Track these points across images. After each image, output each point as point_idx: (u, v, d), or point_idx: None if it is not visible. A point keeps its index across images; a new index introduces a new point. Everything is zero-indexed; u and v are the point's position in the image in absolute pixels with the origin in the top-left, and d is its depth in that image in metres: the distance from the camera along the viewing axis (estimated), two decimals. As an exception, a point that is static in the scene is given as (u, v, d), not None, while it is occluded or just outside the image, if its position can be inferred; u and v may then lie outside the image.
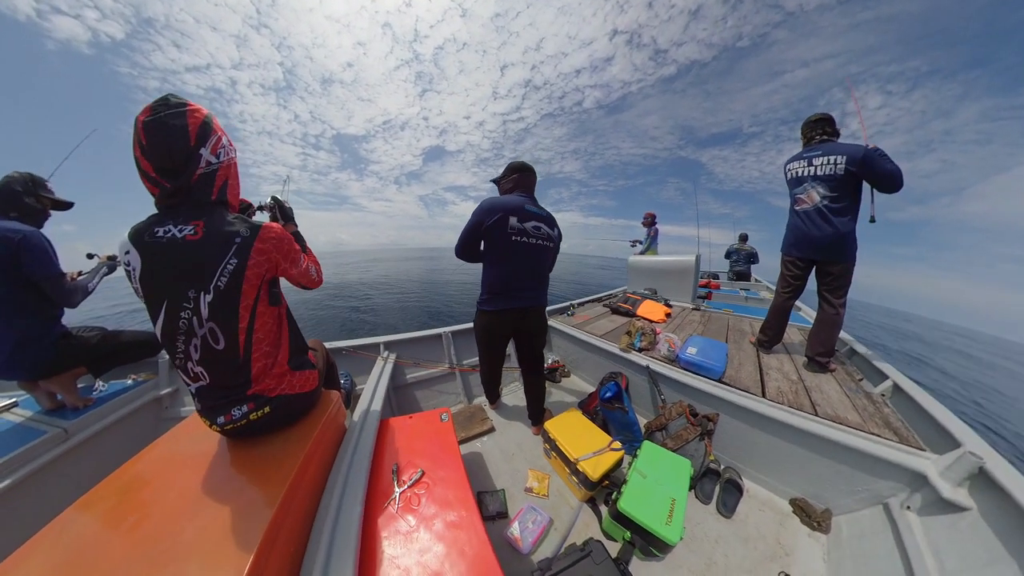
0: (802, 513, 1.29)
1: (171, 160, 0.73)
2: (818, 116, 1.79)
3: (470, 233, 1.53)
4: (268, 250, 0.82)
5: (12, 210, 1.28)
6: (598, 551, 1.05)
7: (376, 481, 1.07)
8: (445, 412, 1.40)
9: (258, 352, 0.84)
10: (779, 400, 1.46)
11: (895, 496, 1.12)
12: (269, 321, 0.87)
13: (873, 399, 1.46)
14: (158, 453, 0.90)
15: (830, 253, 1.70)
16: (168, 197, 0.76)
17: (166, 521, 0.69)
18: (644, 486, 1.23)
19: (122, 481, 0.79)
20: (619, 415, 1.72)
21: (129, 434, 1.56)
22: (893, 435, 1.20)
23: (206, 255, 0.75)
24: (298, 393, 0.98)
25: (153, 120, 0.70)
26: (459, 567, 0.83)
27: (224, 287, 0.76)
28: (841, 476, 1.24)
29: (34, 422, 1.32)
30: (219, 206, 0.82)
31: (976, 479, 0.99)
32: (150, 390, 1.70)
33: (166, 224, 0.75)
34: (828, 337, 1.73)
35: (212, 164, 0.79)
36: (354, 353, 2.09)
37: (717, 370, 1.69)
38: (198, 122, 0.75)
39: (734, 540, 1.23)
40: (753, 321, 2.82)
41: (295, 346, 1.01)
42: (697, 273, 3.76)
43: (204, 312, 0.75)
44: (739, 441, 1.52)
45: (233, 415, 0.84)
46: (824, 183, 1.66)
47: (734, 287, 5.82)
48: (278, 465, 0.87)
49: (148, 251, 0.74)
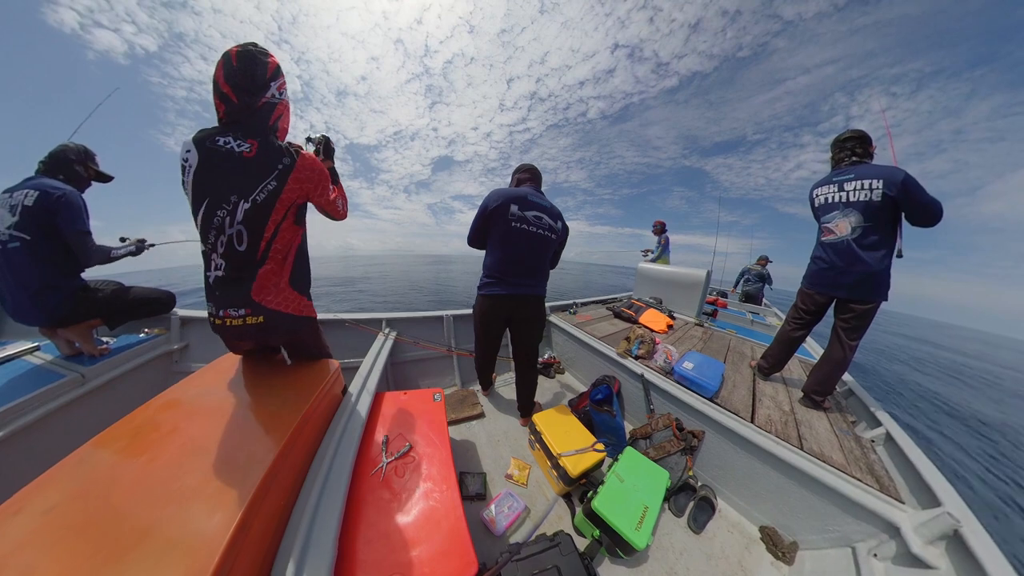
0: (769, 541, 1.31)
1: (251, 82, 0.90)
2: (850, 134, 1.60)
3: (478, 219, 1.61)
4: (303, 179, 0.96)
5: (60, 172, 1.40)
6: (566, 543, 1.10)
7: (366, 449, 1.12)
8: (439, 392, 1.44)
9: (272, 262, 0.96)
10: (767, 428, 1.46)
11: (864, 542, 1.13)
12: (288, 236, 0.98)
13: (862, 443, 1.46)
14: (167, 401, 0.96)
15: (858, 292, 1.51)
16: (235, 113, 0.92)
17: (172, 463, 0.75)
18: (620, 490, 1.27)
19: (134, 424, 0.85)
20: (607, 418, 1.75)
21: (141, 383, 1.65)
22: (874, 482, 1.20)
23: (253, 172, 0.90)
24: (291, 313, 1.04)
25: (244, 51, 0.89)
26: (434, 538, 0.88)
27: (261, 202, 0.90)
28: (814, 512, 1.25)
29: (54, 365, 1.40)
30: (271, 132, 0.97)
31: (950, 541, 0.99)
32: (162, 344, 1.79)
33: (227, 136, 0.89)
34: (829, 377, 1.67)
35: (275, 97, 0.97)
36: (357, 326, 2.14)
37: (710, 388, 1.69)
38: (275, 64, 0.95)
39: (698, 555, 1.27)
40: (755, 345, 2.79)
41: (299, 270, 1.08)
42: (706, 288, 3.70)
43: (239, 216, 0.89)
44: (720, 461, 1.54)
45: (231, 314, 0.95)
46: (858, 211, 1.47)
47: (742, 308, 5.73)
48: (278, 421, 0.91)
49: (207, 154, 0.88)
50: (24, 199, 1.25)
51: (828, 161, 1.74)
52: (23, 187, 1.29)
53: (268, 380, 1.12)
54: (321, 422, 1.12)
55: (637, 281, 4.34)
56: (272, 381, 1.12)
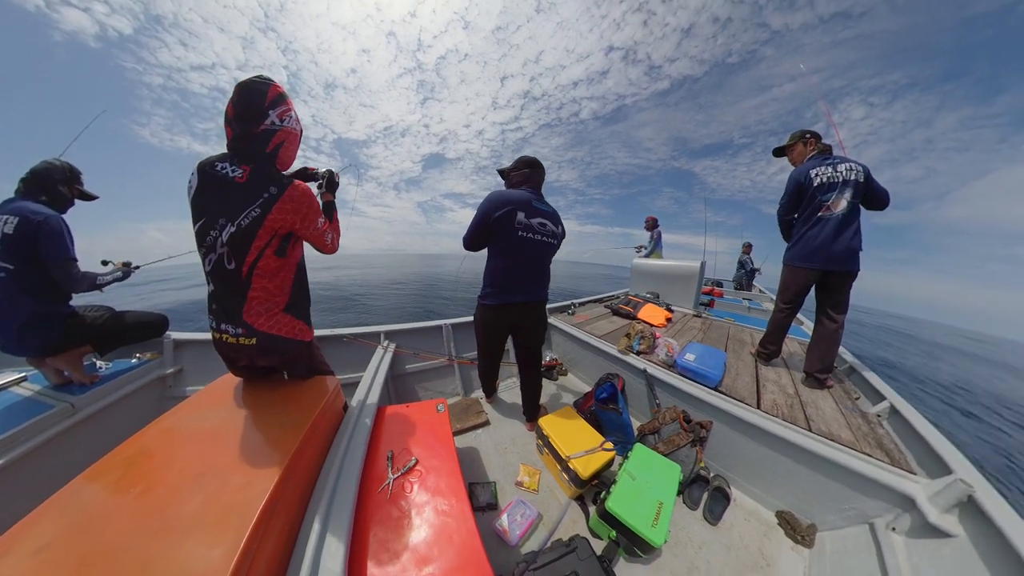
0: (787, 526, 1.30)
1: (247, 110, 0.95)
2: (811, 131, 1.87)
3: (479, 225, 1.53)
4: (287, 210, 0.97)
5: (43, 193, 1.34)
6: (583, 547, 1.07)
7: (371, 466, 1.09)
8: (442, 403, 1.42)
9: (257, 285, 0.97)
10: (773, 413, 1.46)
11: (881, 517, 1.13)
12: (272, 264, 0.99)
13: (868, 419, 1.46)
14: (162, 428, 0.93)
15: (847, 263, 1.67)
16: (236, 140, 0.96)
17: (168, 493, 0.72)
18: (633, 488, 1.25)
19: (127, 454, 0.82)
20: (613, 416, 1.73)
21: (134, 410, 1.60)
22: (885, 456, 1.21)
23: (241, 197, 0.93)
24: (284, 336, 1.05)
25: (246, 81, 0.95)
26: (447, 554, 0.85)
27: (245, 227, 0.92)
28: (829, 493, 1.25)
29: (43, 396, 1.35)
30: (269, 160, 1.00)
31: (965, 507, 0.99)
32: (154, 369, 1.74)
33: (225, 162, 0.94)
34: (827, 353, 1.72)
35: (275, 125, 0.98)
36: (355, 341, 2.11)
37: (714, 378, 1.70)
38: (275, 93, 0.98)
39: (717, 547, 1.25)
40: (754, 332, 2.81)
41: (296, 296, 1.09)
42: (701, 280, 3.74)
43: (224, 238, 0.92)
44: (730, 450, 1.54)
45: (227, 331, 0.98)
46: (851, 189, 1.65)
47: (737, 296, 5.79)
48: (277, 444, 0.89)
49: (205, 178, 0.93)
50: (4, 226, 1.21)
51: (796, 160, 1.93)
52: (1, 212, 1.23)
53: (266, 401, 1.09)
54: (323, 441, 1.10)
55: (632, 277, 4.37)
56: (270, 401, 1.09)
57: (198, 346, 1.86)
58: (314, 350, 1.24)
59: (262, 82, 0.96)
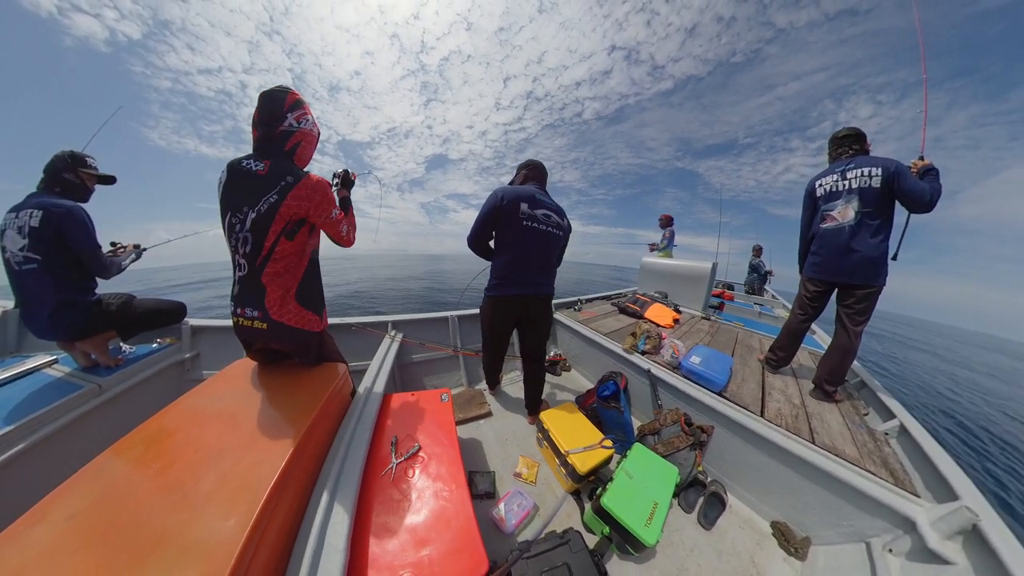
0: (781, 537, 1.30)
1: (268, 115, 1.06)
2: (847, 131, 1.69)
3: (484, 218, 1.55)
4: (302, 196, 1.04)
5: (56, 185, 1.40)
6: (576, 540, 1.10)
7: (376, 450, 1.14)
8: (446, 393, 1.45)
9: (272, 268, 1.05)
10: (777, 422, 1.45)
11: (879, 536, 1.12)
12: (288, 250, 1.06)
13: (875, 436, 1.43)
14: (181, 409, 0.98)
15: (858, 276, 1.57)
16: (259, 140, 1.08)
17: (187, 469, 0.77)
18: (629, 486, 1.27)
19: (149, 432, 0.87)
20: (614, 414, 1.74)
21: (155, 391, 1.69)
22: (889, 476, 1.18)
23: (261, 187, 1.02)
24: (294, 327, 1.10)
25: (268, 91, 1.06)
26: (445, 537, 0.89)
27: (264, 212, 1.01)
28: (827, 507, 1.23)
29: (72, 377, 1.44)
30: (287, 157, 1.10)
31: (969, 536, 0.97)
32: (174, 354, 1.83)
33: (250, 160, 1.05)
34: (839, 365, 1.67)
35: (292, 126, 1.09)
36: (363, 330, 2.16)
37: (718, 383, 1.68)
38: (293, 99, 1.08)
39: (709, 552, 1.26)
40: (763, 338, 2.75)
41: (306, 287, 1.14)
42: (712, 282, 3.65)
43: (247, 224, 1.01)
44: (730, 456, 1.53)
45: (246, 312, 1.06)
46: (859, 197, 1.55)
47: (748, 301, 5.66)
48: (288, 426, 0.93)
49: (233, 173, 1.04)
50: (30, 219, 1.27)
51: (816, 166, 1.81)
52: (27, 206, 1.29)
53: (278, 385, 1.14)
54: (331, 424, 1.14)
55: (641, 275, 4.30)
56: (282, 385, 1.13)
57: (214, 332, 1.95)
58: (326, 339, 1.29)
59: (281, 90, 1.07)
